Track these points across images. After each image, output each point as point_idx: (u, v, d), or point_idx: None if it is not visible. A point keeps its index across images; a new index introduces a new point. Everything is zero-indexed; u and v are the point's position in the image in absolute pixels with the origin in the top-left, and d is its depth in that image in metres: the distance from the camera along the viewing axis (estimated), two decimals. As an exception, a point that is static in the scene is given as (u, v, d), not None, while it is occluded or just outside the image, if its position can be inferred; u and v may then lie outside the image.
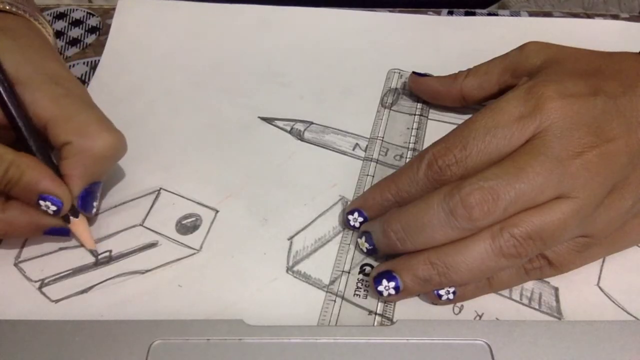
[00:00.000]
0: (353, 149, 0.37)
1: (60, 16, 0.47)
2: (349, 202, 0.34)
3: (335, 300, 0.30)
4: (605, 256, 0.31)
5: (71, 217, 0.31)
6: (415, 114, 0.39)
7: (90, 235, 0.32)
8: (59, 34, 0.46)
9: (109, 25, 0.46)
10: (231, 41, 0.45)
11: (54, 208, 0.29)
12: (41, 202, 0.29)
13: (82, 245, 0.32)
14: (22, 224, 0.30)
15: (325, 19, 0.46)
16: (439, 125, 0.39)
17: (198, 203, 0.34)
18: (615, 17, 0.47)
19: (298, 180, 0.35)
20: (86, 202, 0.31)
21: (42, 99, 0.30)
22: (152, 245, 0.32)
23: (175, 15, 0.47)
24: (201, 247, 0.32)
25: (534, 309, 0.29)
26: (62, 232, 0.31)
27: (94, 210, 0.32)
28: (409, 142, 0.37)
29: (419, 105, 0.40)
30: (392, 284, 0.28)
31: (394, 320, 0.29)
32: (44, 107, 0.30)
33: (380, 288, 0.28)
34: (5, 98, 0.29)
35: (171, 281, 0.31)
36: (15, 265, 0.31)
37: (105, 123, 0.31)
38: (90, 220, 0.33)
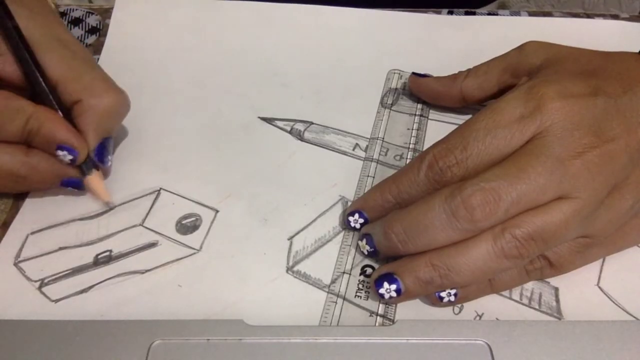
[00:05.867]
0: (353, 149, 0.37)
1: (60, 16, 0.47)
2: (349, 202, 0.34)
3: (336, 302, 0.30)
4: (606, 256, 0.31)
5: (88, 172, 0.33)
6: (415, 115, 0.39)
7: (105, 188, 0.33)
8: (58, 34, 0.46)
9: (109, 25, 0.45)
10: (231, 39, 0.45)
11: (70, 157, 0.31)
12: (59, 152, 0.31)
13: (98, 199, 0.34)
14: (44, 169, 0.32)
15: (325, 17, 0.46)
16: (439, 126, 0.38)
17: (198, 203, 0.34)
18: (615, 17, 0.47)
19: (298, 180, 0.35)
20: (101, 155, 0.33)
21: (53, 60, 0.32)
22: (152, 245, 0.32)
23: (174, 13, 0.46)
24: (201, 247, 0.32)
25: (534, 309, 0.29)
26: (76, 184, 0.33)
27: (109, 163, 0.34)
28: (409, 143, 0.37)
29: (419, 106, 0.40)
30: (394, 286, 0.28)
31: (395, 321, 0.29)
32: (54, 67, 0.32)
33: (381, 291, 0.28)
34: (28, 58, 0.32)
35: (171, 281, 0.31)
36: (15, 264, 0.31)
37: (110, 82, 0.34)
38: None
